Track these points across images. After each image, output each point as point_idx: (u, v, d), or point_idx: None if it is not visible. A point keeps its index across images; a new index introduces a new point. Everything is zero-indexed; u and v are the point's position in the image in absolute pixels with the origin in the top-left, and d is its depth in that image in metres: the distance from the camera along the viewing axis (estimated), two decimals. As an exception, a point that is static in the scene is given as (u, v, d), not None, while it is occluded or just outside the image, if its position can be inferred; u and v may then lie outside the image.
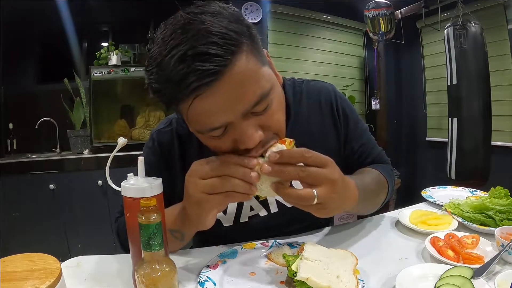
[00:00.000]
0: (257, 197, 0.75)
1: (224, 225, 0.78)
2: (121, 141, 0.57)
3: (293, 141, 0.56)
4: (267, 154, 0.53)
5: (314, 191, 0.52)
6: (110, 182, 0.56)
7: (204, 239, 0.83)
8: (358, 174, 0.78)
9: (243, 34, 0.51)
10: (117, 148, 0.56)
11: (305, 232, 0.80)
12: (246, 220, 0.78)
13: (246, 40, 0.51)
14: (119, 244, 0.74)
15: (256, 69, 0.52)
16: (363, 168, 0.82)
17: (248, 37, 0.52)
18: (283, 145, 0.54)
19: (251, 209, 0.78)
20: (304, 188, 0.53)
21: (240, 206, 0.77)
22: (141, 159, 0.55)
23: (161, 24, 0.53)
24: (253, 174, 0.52)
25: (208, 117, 0.52)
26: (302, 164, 0.53)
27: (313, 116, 0.78)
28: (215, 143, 0.56)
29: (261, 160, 0.53)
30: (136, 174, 0.55)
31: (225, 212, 0.77)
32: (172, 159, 0.76)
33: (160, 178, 0.55)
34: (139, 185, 0.52)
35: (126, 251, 0.58)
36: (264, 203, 0.78)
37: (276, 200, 0.79)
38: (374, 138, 0.88)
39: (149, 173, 0.65)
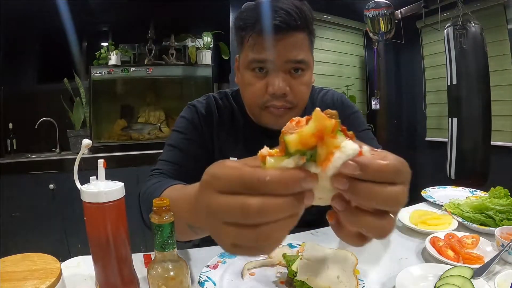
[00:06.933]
0: None
1: None
2: (85, 142, 0.52)
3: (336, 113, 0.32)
4: (337, 163, 0.29)
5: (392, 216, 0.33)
6: (78, 185, 0.52)
7: None
8: None
9: (311, 21, 0.73)
10: (81, 151, 0.52)
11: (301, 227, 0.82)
12: None
13: (311, 27, 0.74)
14: (140, 211, 0.71)
15: (307, 46, 0.74)
16: None
17: (310, 28, 0.74)
18: (355, 145, 0.29)
19: None
20: (385, 216, 0.32)
21: None
22: (100, 162, 0.52)
23: None
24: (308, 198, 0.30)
25: (263, 50, 0.70)
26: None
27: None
28: (252, 80, 0.73)
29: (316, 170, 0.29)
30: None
31: None
32: (211, 122, 0.85)
33: (122, 183, 0.52)
34: (96, 190, 0.49)
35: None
36: None
37: None
38: (376, 140, 0.93)
39: (190, 130, 0.82)
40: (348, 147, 0.28)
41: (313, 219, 0.87)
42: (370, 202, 0.30)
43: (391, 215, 0.32)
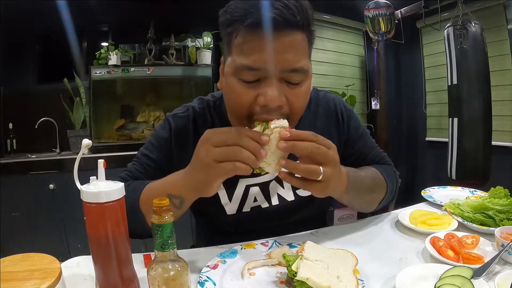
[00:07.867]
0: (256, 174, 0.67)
1: (228, 213, 0.81)
2: (85, 142, 0.51)
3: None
4: (272, 127, 0.57)
5: (321, 168, 0.57)
6: (78, 185, 0.52)
7: (209, 228, 0.89)
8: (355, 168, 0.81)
9: (312, 20, 0.62)
10: (81, 151, 0.51)
11: (301, 225, 0.83)
12: (248, 210, 0.81)
13: (311, 26, 0.62)
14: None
15: (306, 50, 0.62)
16: (362, 167, 0.85)
17: (310, 28, 0.62)
18: (285, 120, 0.58)
19: (255, 199, 0.81)
20: (313, 165, 0.58)
21: (245, 196, 0.80)
22: (100, 162, 0.51)
23: None
24: (263, 151, 0.56)
25: (255, 53, 0.58)
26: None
27: (320, 119, 0.85)
28: (240, 90, 0.60)
29: (267, 132, 0.57)
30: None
31: (230, 199, 0.79)
32: (185, 143, 0.77)
33: (122, 183, 0.52)
34: (96, 190, 0.49)
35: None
36: (267, 196, 0.81)
37: (278, 194, 0.82)
38: (374, 141, 0.93)
39: (157, 148, 0.79)
40: (282, 121, 0.58)
41: (313, 221, 0.87)
42: (297, 151, 0.57)
43: (321, 167, 0.57)
